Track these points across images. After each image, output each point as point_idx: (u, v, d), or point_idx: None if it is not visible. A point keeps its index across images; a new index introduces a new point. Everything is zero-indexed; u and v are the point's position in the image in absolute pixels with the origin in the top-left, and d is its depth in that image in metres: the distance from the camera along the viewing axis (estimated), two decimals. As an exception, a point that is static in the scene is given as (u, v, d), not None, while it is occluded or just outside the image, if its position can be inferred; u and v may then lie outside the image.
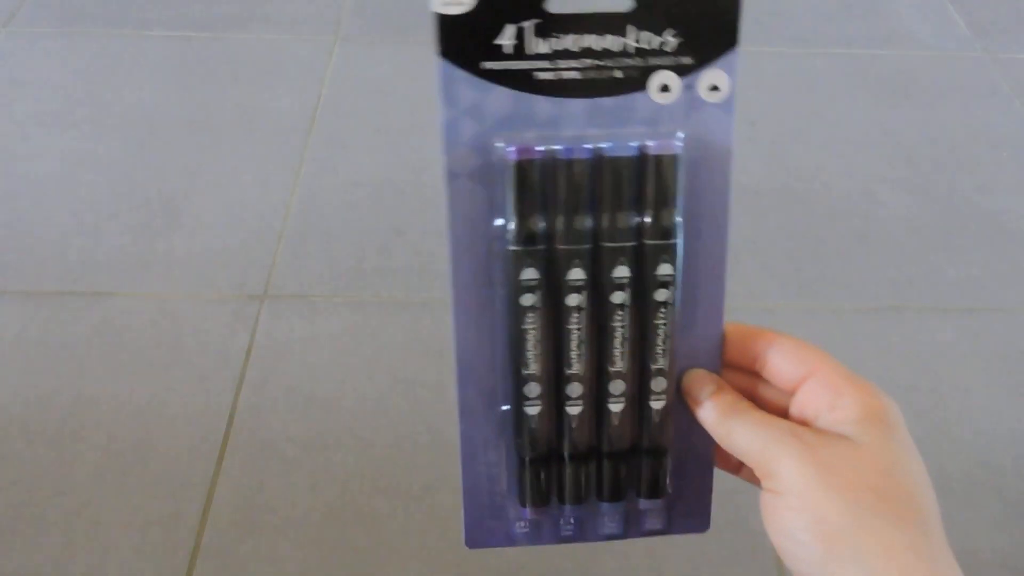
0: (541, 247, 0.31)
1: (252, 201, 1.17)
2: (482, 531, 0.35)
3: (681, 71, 0.30)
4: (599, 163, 0.31)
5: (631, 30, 0.30)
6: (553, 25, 0.29)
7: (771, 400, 0.33)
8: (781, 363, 0.32)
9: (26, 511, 0.84)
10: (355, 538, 0.83)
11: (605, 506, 0.35)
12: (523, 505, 0.34)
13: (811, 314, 1.05)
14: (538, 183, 0.31)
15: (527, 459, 0.34)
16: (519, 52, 0.30)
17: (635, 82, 0.30)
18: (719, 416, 0.32)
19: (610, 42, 0.30)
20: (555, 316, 0.32)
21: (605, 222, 0.31)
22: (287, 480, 0.87)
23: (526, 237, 0.31)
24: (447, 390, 0.96)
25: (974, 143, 1.31)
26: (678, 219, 0.31)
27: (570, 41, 0.30)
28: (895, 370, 0.99)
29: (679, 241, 0.32)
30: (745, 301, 1.06)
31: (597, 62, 0.30)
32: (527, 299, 0.31)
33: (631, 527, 0.35)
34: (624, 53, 0.30)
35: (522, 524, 0.35)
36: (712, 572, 0.82)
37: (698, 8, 0.30)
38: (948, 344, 1.02)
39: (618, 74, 0.30)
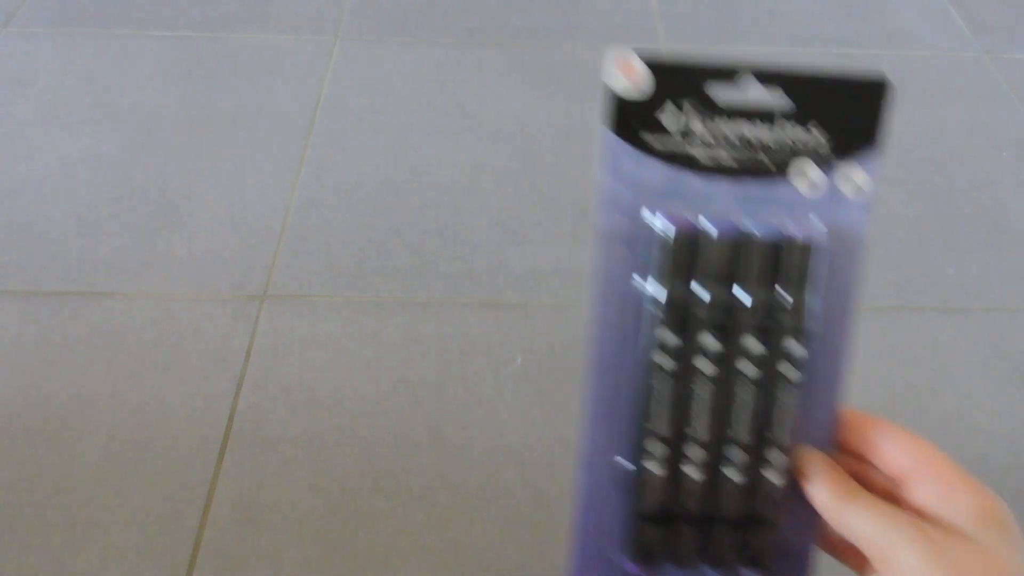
0: (680, 312, 0.33)
1: (252, 201, 1.17)
2: None
3: (824, 164, 0.33)
4: (746, 242, 0.33)
5: (782, 122, 0.33)
6: (714, 111, 0.32)
7: (879, 487, 0.34)
8: (893, 452, 0.33)
9: (26, 511, 0.84)
10: (355, 538, 0.83)
11: (709, 572, 0.36)
12: (631, 560, 0.36)
13: (811, 314, 1.05)
14: (687, 253, 0.33)
15: (640, 514, 0.35)
16: (680, 132, 0.33)
17: (781, 170, 0.33)
18: (834, 497, 0.32)
19: (762, 131, 0.33)
20: (684, 378, 0.33)
21: (744, 296, 0.33)
22: (287, 480, 0.87)
23: (668, 302, 0.33)
24: (447, 390, 0.96)
25: (974, 143, 1.31)
26: (813, 303, 0.33)
27: (727, 127, 0.33)
28: (895, 370, 0.99)
29: (811, 324, 0.34)
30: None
31: (749, 149, 0.33)
32: (659, 358, 0.33)
33: None
34: (774, 144, 0.33)
35: None
36: None
37: (844, 108, 0.33)
38: (948, 344, 1.02)
39: (766, 161, 0.33)
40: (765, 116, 0.33)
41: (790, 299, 0.33)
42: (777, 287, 0.33)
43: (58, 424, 0.91)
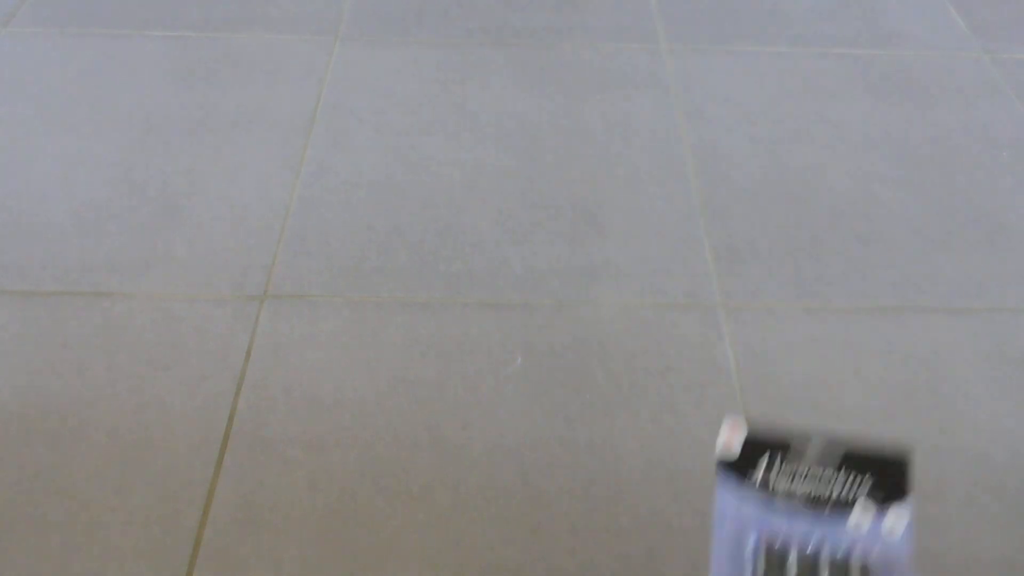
0: None
1: (252, 201, 1.17)
2: None
3: (870, 506, 0.46)
4: (822, 561, 0.45)
5: (841, 474, 0.47)
6: (795, 464, 0.47)
7: None
8: None
9: (26, 511, 0.84)
10: (355, 538, 0.83)
11: None
12: None
13: (811, 314, 1.05)
14: (776, 562, 0.46)
15: None
16: (764, 482, 0.47)
17: (843, 507, 0.46)
18: None
19: (827, 480, 0.47)
20: None
21: None
22: (287, 480, 0.87)
23: None
24: (447, 390, 0.96)
25: (974, 143, 1.31)
26: None
27: (803, 479, 0.47)
28: (895, 370, 0.99)
29: None
30: (745, 301, 1.06)
31: (819, 493, 0.47)
32: None
33: None
34: (837, 489, 0.47)
35: None
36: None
37: (881, 468, 0.47)
38: (948, 344, 1.02)
39: (833, 497, 0.47)
40: (832, 469, 0.48)
41: None
42: None
43: (58, 424, 0.91)
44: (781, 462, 0.47)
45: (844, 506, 0.46)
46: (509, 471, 0.89)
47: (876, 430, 0.93)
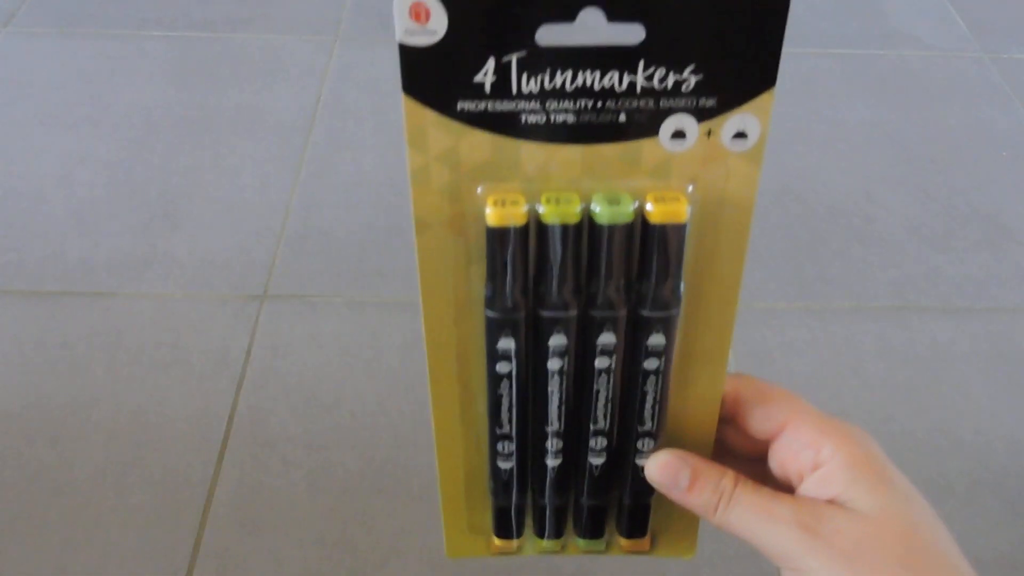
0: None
1: (252, 201, 1.17)
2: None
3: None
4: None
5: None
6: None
7: (747, 455, 0.32)
8: (758, 418, 0.31)
9: (26, 511, 0.84)
10: (355, 538, 0.83)
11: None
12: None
13: (811, 314, 1.05)
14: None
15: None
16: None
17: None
18: (707, 513, 0.30)
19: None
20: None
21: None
22: (287, 480, 0.87)
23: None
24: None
25: (974, 143, 1.31)
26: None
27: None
28: (895, 370, 0.99)
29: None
30: (745, 301, 1.06)
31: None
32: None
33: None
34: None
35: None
36: (714, 572, 0.82)
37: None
38: (948, 344, 1.02)
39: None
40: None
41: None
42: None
43: (58, 424, 0.91)
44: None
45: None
46: (509, 471, 0.89)
47: (876, 430, 0.93)
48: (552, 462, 0.31)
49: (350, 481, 0.87)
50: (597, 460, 0.31)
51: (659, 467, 0.30)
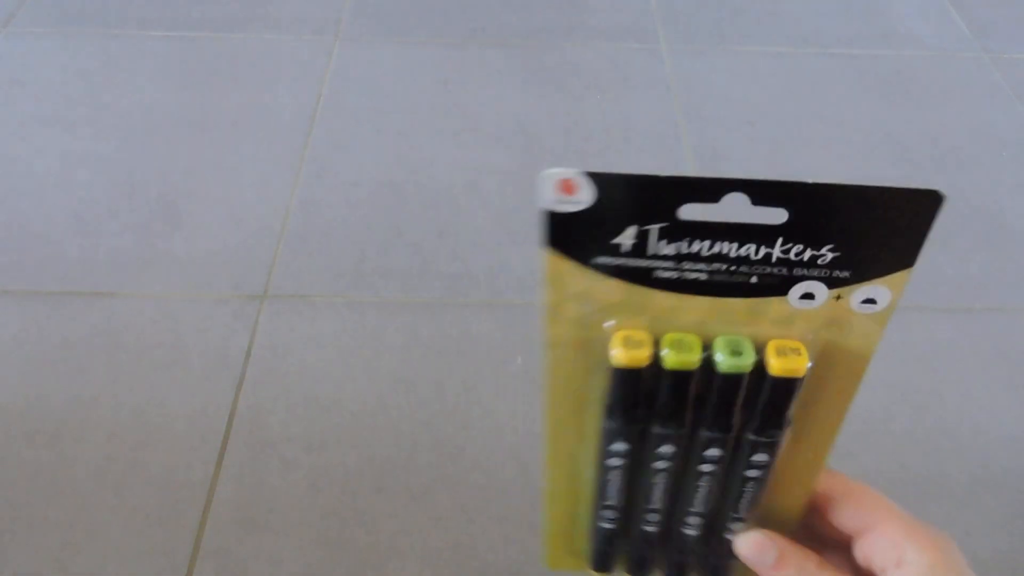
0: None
1: (252, 201, 1.17)
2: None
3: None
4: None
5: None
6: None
7: (833, 542, 0.34)
8: (847, 512, 0.33)
9: (26, 511, 0.84)
10: (355, 538, 0.83)
11: None
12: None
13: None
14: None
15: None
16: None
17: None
18: None
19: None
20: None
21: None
22: (287, 480, 0.87)
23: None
24: (447, 390, 0.96)
25: (974, 143, 1.31)
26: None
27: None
28: (895, 370, 0.99)
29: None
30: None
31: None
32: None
33: None
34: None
35: None
36: None
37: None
38: (948, 344, 1.02)
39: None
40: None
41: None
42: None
43: (58, 424, 0.91)
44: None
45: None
46: (509, 471, 0.89)
47: (876, 430, 0.93)
48: (649, 528, 0.34)
49: (350, 481, 0.87)
50: (691, 531, 0.34)
51: (749, 544, 0.33)
